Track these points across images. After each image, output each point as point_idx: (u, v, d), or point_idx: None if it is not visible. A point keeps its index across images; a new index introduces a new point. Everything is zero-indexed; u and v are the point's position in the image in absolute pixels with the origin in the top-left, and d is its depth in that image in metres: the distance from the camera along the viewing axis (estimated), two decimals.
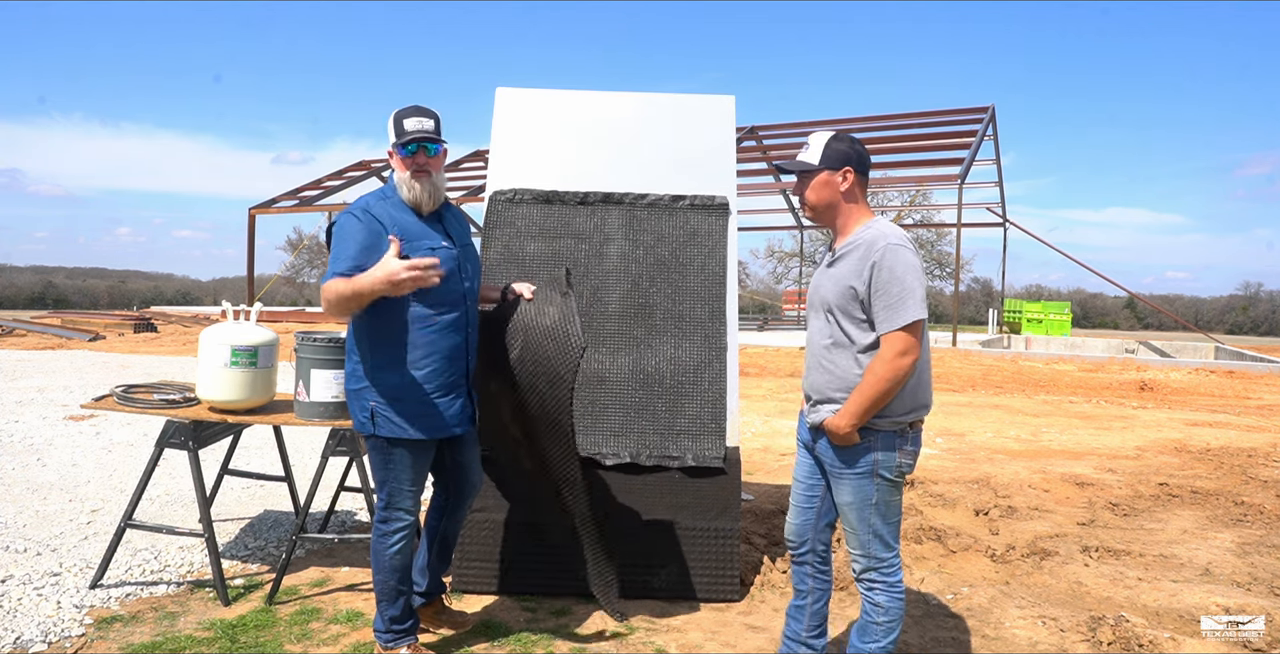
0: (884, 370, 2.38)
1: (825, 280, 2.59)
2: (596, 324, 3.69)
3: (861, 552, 2.55)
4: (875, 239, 2.47)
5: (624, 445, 3.62)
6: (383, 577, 2.86)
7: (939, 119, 21.40)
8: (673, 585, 3.59)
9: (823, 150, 2.55)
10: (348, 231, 2.66)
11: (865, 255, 2.45)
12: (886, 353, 2.39)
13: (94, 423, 7.07)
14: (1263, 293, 48.97)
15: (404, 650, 2.88)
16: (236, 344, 3.41)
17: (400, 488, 2.83)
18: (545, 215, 3.74)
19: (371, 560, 2.90)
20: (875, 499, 2.50)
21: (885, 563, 2.54)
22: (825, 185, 2.56)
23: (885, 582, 2.54)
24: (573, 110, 3.86)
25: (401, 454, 2.80)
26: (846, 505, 2.55)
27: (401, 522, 2.85)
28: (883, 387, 2.39)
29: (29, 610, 3.27)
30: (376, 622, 2.93)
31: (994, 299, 31.21)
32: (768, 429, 7.72)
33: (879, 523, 2.51)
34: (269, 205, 24.47)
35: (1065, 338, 23.06)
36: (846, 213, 2.58)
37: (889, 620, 2.53)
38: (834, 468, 2.56)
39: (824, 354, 2.56)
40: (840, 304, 2.50)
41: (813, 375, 2.61)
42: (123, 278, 57.01)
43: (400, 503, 2.84)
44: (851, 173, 2.54)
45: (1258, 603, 3.59)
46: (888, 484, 2.50)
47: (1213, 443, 7.50)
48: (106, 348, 14.46)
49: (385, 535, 2.85)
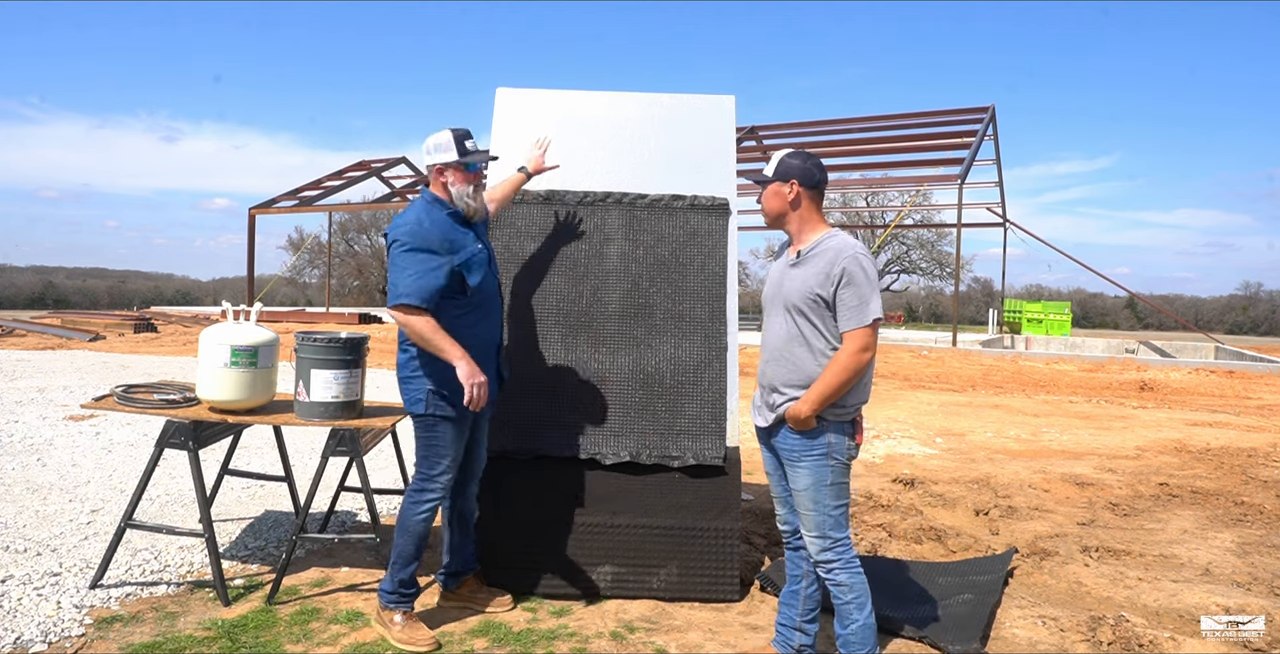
0: (848, 362, 2.64)
1: (788, 280, 2.80)
2: (596, 324, 3.70)
3: (818, 533, 2.75)
4: (841, 248, 2.70)
5: (624, 445, 3.62)
6: (405, 540, 3.15)
7: (939, 119, 21.38)
8: (673, 585, 3.59)
9: (777, 164, 2.81)
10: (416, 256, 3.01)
11: (832, 261, 2.68)
12: (850, 347, 2.65)
13: (94, 423, 7.07)
14: (1263, 293, 49.00)
15: (398, 617, 3.13)
16: (236, 344, 3.41)
17: (441, 462, 3.16)
18: (545, 215, 3.74)
19: (397, 526, 3.18)
20: (830, 480, 2.72)
21: (839, 542, 2.75)
22: (775, 195, 2.81)
23: (842, 559, 2.74)
24: (573, 110, 3.86)
25: (445, 430, 3.14)
26: (803, 491, 2.76)
27: (435, 493, 3.17)
28: (844, 377, 2.64)
29: (29, 610, 3.27)
30: (385, 583, 3.17)
31: (994, 299, 31.22)
32: None
33: (832, 503, 2.73)
34: (269, 205, 24.47)
35: (1065, 338, 23.07)
36: (798, 221, 2.81)
37: (855, 596, 2.73)
38: (791, 454, 2.77)
39: (784, 348, 2.78)
40: (803, 305, 2.72)
41: (773, 367, 2.81)
42: (122, 278, 57.04)
43: (440, 475, 3.16)
44: (797, 185, 2.77)
45: (1258, 603, 3.59)
46: (841, 466, 2.74)
47: (1213, 443, 7.50)
48: (106, 348, 14.46)
49: (418, 503, 3.15)
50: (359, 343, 3.47)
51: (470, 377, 3.02)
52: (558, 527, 3.62)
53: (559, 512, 3.62)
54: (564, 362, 3.67)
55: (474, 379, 3.03)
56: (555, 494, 3.62)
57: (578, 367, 3.67)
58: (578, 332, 3.69)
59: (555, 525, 3.62)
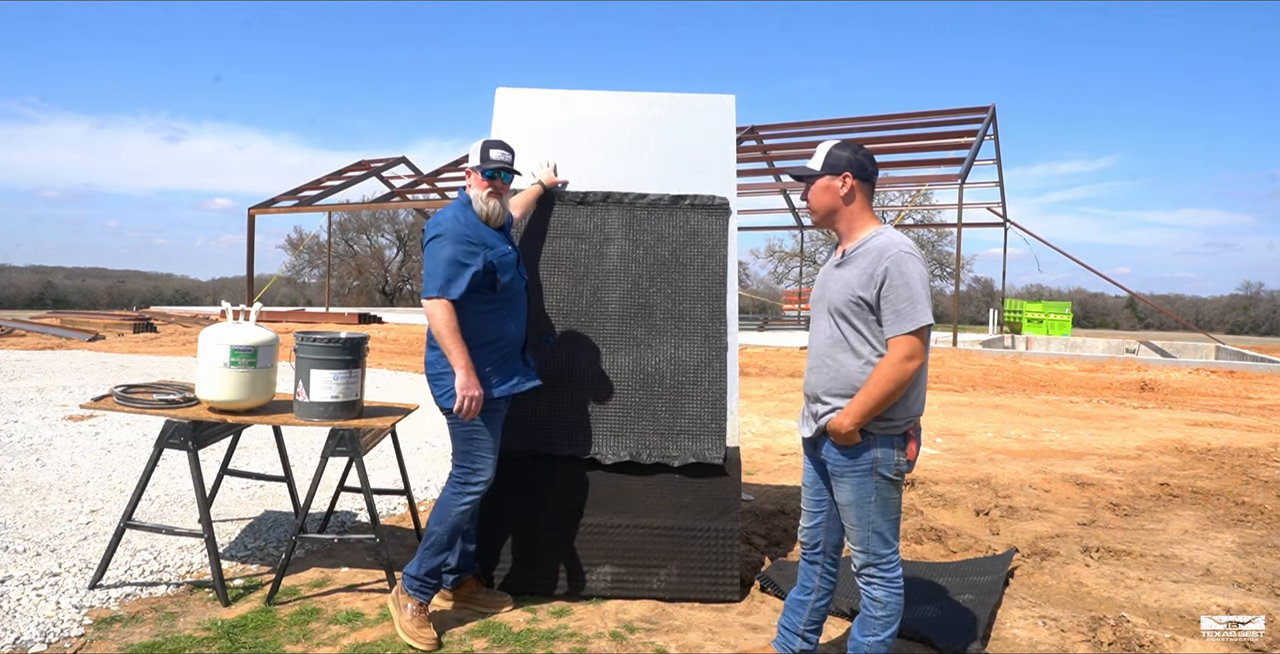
0: (891, 372, 2.45)
1: (832, 281, 2.64)
2: (596, 324, 3.69)
3: (861, 548, 2.61)
4: (886, 246, 2.52)
5: (624, 445, 3.61)
6: (442, 529, 3.20)
7: (939, 119, 21.37)
8: (673, 586, 3.58)
9: (825, 157, 2.63)
10: (449, 249, 3.11)
11: (876, 261, 2.51)
12: (894, 356, 2.46)
13: (93, 423, 7.07)
14: (1263, 293, 48.97)
15: (412, 605, 3.15)
16: (236, 344, 3.40)
17: (483, 454, 3.23)
18: (545, 215, 3.74)
19: (434, 514, 3.23)
20: (874, 497, 2.56)
21: (884, 559, 2.59)
22: (825, 190, 2.64)
23: (884, 577, 2.60)
24: (573, 110, 3.85)
25: (479, 422, 3.20)
26: (847, 504, 2.61)
27: (479, 485, 3.23)
28: (888, 388, 2.45)
29: (28, 611, 3.26)
30: (413, 567, 3.21)
31: (994, 299, 31.21)
32: (768, 429, 7.71)
33: (878, 520, 2.57)
34: (269, 205, 24.46)
35: (1066, 338, 23.05)
36: (849, 217, 2.64)
37: (887, 615, 2.60)
38: (836, 467, 2.61)
39: (827, 354, 2.62)
40: (846, 307, 2.56)
41: (816, 374, 2.67)
42: (122, 278, 56.95)
43: (483, 468, 3.23)
44: (851, 178, 2.60)
45: (1258, 603, 3.59)
46: (887, 482, 2.56)
47: (1213, 443, 7.50)
48: (106, 348, 14.46)
49: (461, 494, 3.22)
50: (358, 343, 3.47)
51: (466, 388, 3.09)
52: (558, 527, 3.61)
53: (559, 512, 3.62)
54: (564, 362, 3.67)
55: (469, 391, 3.09)
56: (555, 494, 3.62)
57: (578, 367, 3.66)
58: (578, 331, 3.69)
59: (555, 525, 3.62)
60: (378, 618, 3.31)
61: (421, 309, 3.22)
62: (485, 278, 3.15)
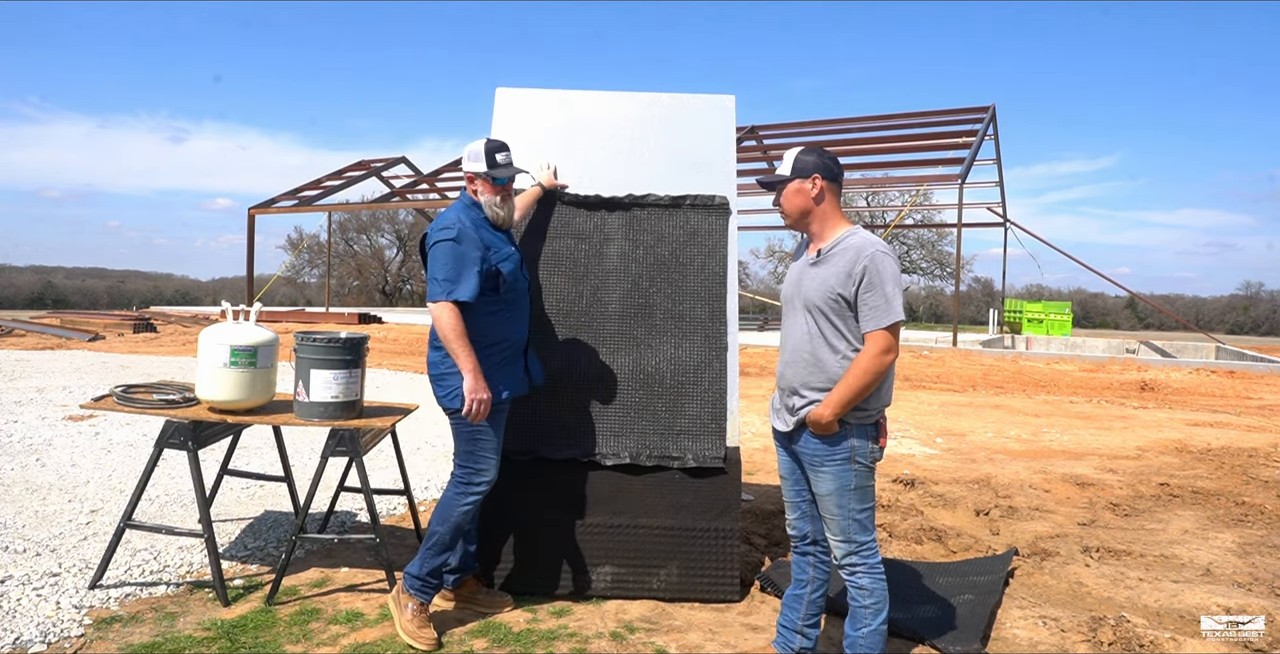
0: (870, 365, 2.58)
1: (809, 279, 2.73)
2: (596, 324, 3.69)
3: (842, 537, 2.70)
4: (863, 245, 2.64)
5: (624, 445, 3.61)
6: (445, 529, 3.19)
7: (939, 119, 21.37)
8: (673, 586, 3.58)
9: (793, 162, 2.76)
10: (456, 252, 3.10)
11: (854, 260, 2.61)
12: (872, 349, 2.59)
13: (93, 423, 7.07)
14: (1263, 293, 48.97)
15: (413, 605, 3.15)
16: (236, 344, 3.40)
17: (485, 454, 3.22)
18: (545, 215, 3.74)
19: (436, 514, 3.23)
20: (853, 485, 2.68)
21: (864, 546, 2.70)
22: (797, 193, 2.75)
23: (866, 563, 2.70)
24: (572, 110, 3.85)
25: (483, 422, 3.19)
26: (826, 495, 2.71)
27: (482, 486, 3.22)
28: (867, 380, 2.58)
29: (28, 611, 3.26)
30: (414, 566, 3.21)
31: (995, 299, 31.21)
32: (768, 429, 7.71)
33: (857, 507, 2.68)
34: (268, 205, 24.46)
35: (1066, 338, 23.05)
36: (821, 217, 2.75)
37: (875, 602, 2.69)
38: (815, 458, 2.72)
39: (805, 349, 2.72)
40: (825, 304, 2.67)
41: (793, 369, 2.76)
42: (122, 278, 56.98)
43: (486, 468, 3.22)
44: (820, 179, 2.72)
45: (1258, 603, 3.59)
46: (865, 470, 2.69)
47: (1213, 443, 7.50)
48: (106, 348, 14.46)
49: (464, 494, 3.21)
50: (358, 343, 3.47)
51: (474, 391, 3.08)
52: (558, 527, 3.61)
53: (559, 512, 3.61)
54: (564, 362, 3.66)
55: (477, 394, 3.08)
56: (555, 494, 3.62)
57: (578, 367, 3.66)
58: (578, 332, 3.69)
59: (555, 526, 3.62)
60: (378, 618, 3.32)
61: (421, 309, 3.20)
62: (489, 280, 3.15)
